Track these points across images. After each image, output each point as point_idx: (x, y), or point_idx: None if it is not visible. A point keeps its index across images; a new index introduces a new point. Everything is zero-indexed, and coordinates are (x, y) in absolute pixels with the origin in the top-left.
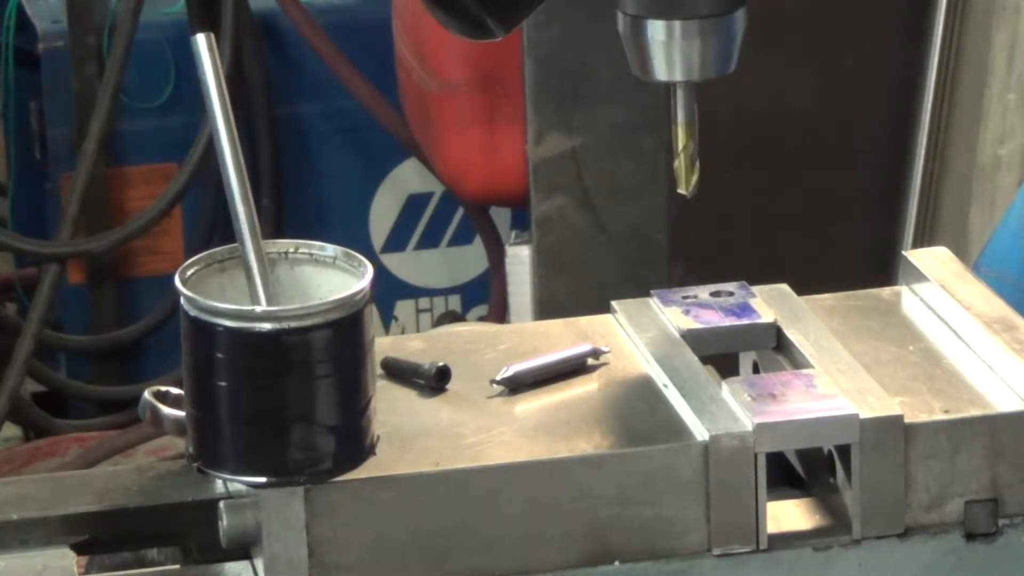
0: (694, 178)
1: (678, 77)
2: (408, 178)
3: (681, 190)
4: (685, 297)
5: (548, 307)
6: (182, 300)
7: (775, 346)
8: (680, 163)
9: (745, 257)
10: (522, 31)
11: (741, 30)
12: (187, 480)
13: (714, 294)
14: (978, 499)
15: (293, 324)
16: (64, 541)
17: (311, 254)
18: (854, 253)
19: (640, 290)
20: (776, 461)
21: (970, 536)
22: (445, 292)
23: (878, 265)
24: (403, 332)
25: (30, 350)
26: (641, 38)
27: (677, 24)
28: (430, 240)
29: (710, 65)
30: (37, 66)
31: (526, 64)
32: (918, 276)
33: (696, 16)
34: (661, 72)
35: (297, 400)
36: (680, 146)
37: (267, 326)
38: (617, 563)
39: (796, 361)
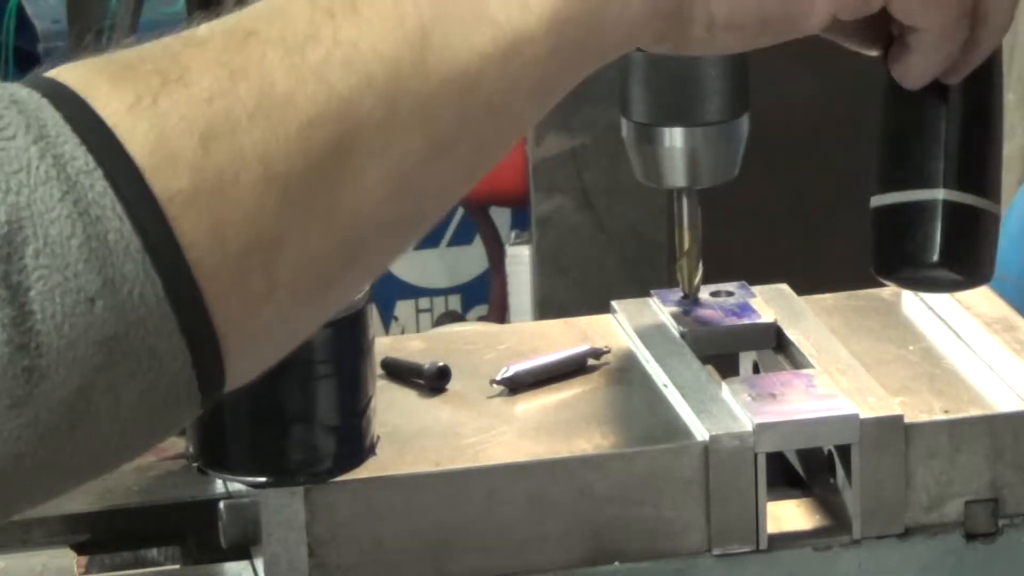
0: (697, 278)
1: (682, 184)
2: None
3: (684, 291)
4: (685, 297)
5: (548, 307)
6: None
7: (775, 346)
8: (684, 266)
9: (745, 257)
10: None
11: (744, 136)
12: (187, 480)
13: (714, 294)
14: (978, 499)
15: None
16: (64, 541)
17: None
18: (854, 253)
19: (640, 290)
20: (776, 461)
21: (970, 536)
22: (445, 292)
23: None
24: (403, 332)
25: None
26: (645, 145)
27: (680, 131)
28: (430, 240)
29: (715, 171)
30: (37, 66)
31: None
32: None
33: (700, 124)
34: (666, 179)
35: (297, 400)
36: (684, 249)
37: None
38: (617, 563)
39: (796, 361)
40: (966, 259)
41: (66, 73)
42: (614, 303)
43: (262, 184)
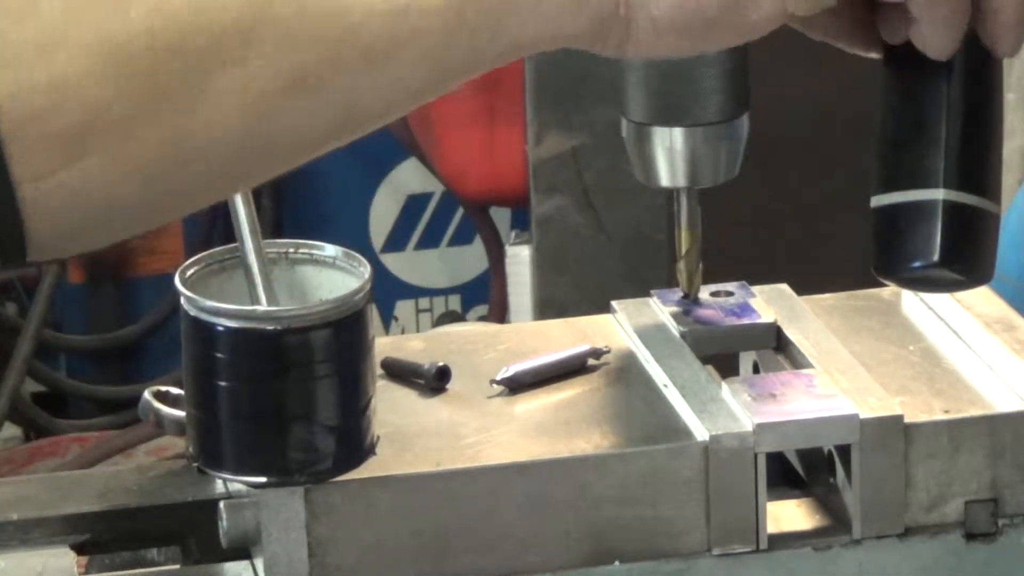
0: (697, 279)
1: (682, 184)
2: (408, 178)
3: (684, 291)
4: (685, 297)
5: (548, 307)
6: (182, 300)
7: (775, 346)
8: (683, 266)
9: (745, 257)
10: None
11: (744, 136)
12: (187, 480)
13: (714, 294)
14: (978, 499)
15: (294, 324)
16: (64, 541)
17: (311, 254)
18: (854, 253)
19: (640, 290)
20: (776, 461)
21: (970, 536)
22: (445, 292)
23: None
24: (403, 332)
25: (30, 350)
26: (645, 145)
27: (680, 131)
28: (430, 240)
29: (715, 171)
30: None
31: (526, 64)
32: None
33: (700, 124)
34: (665, 179)
35: (297, 400)
36: (684, 250)
37: (268, 326)
38: (617, 563)
39: (796, 361)
40: (966, 259)
41: None
42: (614, 303)
43: (91, 53)
